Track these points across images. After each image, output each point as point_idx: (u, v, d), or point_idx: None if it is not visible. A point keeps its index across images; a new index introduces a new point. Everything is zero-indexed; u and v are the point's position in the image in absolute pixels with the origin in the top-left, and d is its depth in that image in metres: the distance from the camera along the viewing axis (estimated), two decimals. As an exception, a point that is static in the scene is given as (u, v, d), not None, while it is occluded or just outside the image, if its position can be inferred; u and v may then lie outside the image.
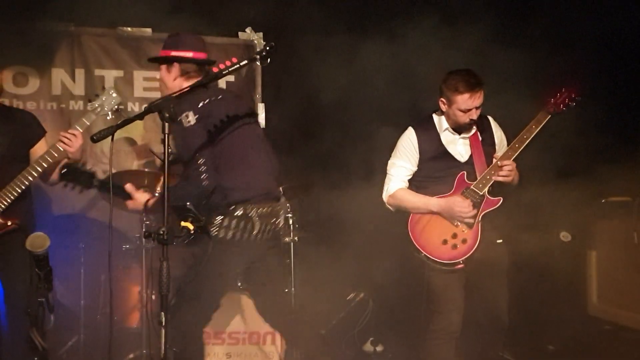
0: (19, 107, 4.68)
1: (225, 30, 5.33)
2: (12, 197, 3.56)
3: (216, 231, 3.14)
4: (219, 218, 3.15)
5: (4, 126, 3.66)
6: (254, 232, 3.19)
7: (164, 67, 3.37)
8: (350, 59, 4.62)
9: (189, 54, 3.31)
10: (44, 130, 3.86)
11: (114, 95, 3.73)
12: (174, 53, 3.32)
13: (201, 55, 3.34)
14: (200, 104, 3.13)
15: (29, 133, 3.77)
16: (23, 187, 3.57)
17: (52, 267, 2.77)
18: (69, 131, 3.63)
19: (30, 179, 3.60)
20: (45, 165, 3.61)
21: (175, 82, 3.32)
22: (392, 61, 4.74)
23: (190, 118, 3.08)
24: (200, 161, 3.06)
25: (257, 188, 3.23)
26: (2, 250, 3.47)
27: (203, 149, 3.07)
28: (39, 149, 3.73)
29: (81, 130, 3.65)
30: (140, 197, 3.28)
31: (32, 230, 3.40)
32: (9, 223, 3.55)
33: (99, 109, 3.71)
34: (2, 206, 3.55)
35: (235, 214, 3.15)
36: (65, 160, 3.53)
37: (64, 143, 3.59)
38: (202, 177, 3.05)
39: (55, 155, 3.62)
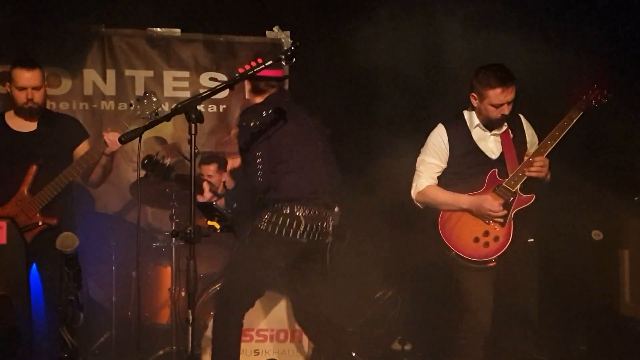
0: (61, 111, 4.80)
1: (252, 29, 5.35)
2: (52, 195, 3.70)
3: (264, 226, 3.37)
4: (268, 214, 3.37)
5: (49, 129, 3.85)
6: (300, 231, 3.37)
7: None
8: (377, 57, 4.60)
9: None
10: (87, 134, 4.02)
11: (155, 99, 3.84)
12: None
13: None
14: (264, 113, 3.37)
15: (72, 135, 3.94)
16: (63, 186, 3.72)
17: (86, 263, 2.84)
18: (112, 133, 3.76)
19: (71, 178, 3.75)
20: (86, 166, 3.77)
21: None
22: (422, 57, 4.71)
23: (253, 123, 3.33)
24: (258, 161, 3.31)
25: (306, 191, 3.42)
26: (40, 247, 3.56)
27: (262, 151, 3.32)
28: (82, 150, 3.87)
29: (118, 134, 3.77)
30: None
31: (71, 227, 3.51)
32: (40, 223, 3.66)
33: (139, 112, 3.81)
34: (43, 204, 3.69)
35: (283, 212, 3.36)
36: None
37: (107, 142, 3.73)
38: (258, 174, 3.29)
39: (96, 156, 3.77)
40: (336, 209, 3.53)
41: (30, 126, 3.86)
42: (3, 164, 3.78)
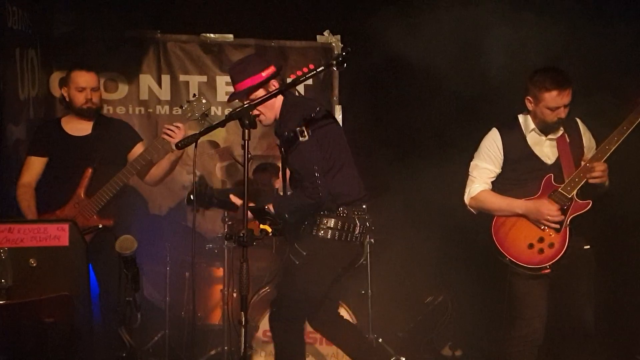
0: (113, 116, 4.93)
1: (303, 33, 5.40)
2: (109, 197, 3.81)
3: (321, 233, 3.25)
4: (324, 220, 3.26)
5: (103, 133, 3.97)
6: (355, 233, 3.30)
7: (261, 92, 3.25)
8: (425, 59, 4.57)
9: (272, 69, 3.27)
10: (139, 137, 4.16)
11: (204, 101, 3.94)
12: (264, 74, 3.24)
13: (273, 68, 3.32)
14: (312, 115, 3.21)
15: (125, 139, 4.07)
16: (118, 188, 3.83)
17: (141, 265, 2.91)
18: (174, 124, 3.84)
19: (125, 180, 3.86)
20: (139, 167, 3.87)
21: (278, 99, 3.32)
22: (473, 59, 4.66)
23: (305, 132, 3.18)
24: (316, 174, 3.16)
25: (357, 192, 3.35)
26: (98, 248, 3.65)
27: (317, 161, 3.18)
28: (136, 153, 3.98)
29: (183, 125, 3.84)
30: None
31: (126, 229, 3.61)
32: (100, 226, 3.76)
33: (189, 114, 3.91)
34: (100, 206, 3.80)
35: (340, 215, 3.27)
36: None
37: (168, 135, 3.81)
38: (318, 189, 3.15)
39: (148, 157, 3.88)
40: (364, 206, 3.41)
41: (85, 130, 3.98)
42: (59, 167, 3.92)
